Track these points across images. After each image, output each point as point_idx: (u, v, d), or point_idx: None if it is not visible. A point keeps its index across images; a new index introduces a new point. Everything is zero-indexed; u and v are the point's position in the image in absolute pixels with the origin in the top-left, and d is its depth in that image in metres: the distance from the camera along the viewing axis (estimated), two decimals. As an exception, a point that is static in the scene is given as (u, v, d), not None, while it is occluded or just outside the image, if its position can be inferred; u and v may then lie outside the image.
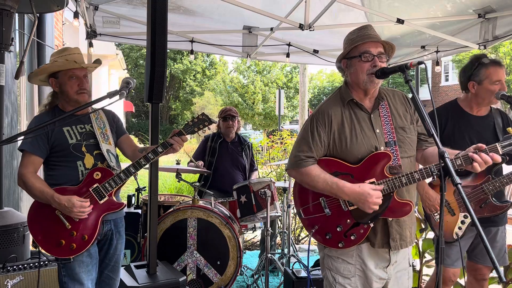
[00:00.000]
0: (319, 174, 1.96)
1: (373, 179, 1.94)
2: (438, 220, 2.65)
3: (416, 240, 2.14)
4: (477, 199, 2.57)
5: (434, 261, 3.54)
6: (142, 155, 2.31)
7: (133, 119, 33.26)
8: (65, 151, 2.29)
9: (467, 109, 2.72)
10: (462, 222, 2.60)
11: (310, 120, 2.05)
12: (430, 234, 3.66)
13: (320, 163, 2.01)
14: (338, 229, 1.99)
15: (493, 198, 2.58)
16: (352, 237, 1.97)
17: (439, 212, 2.64)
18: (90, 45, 4.39)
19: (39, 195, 2.20)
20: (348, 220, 1.98)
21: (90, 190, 2.26)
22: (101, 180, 2.29)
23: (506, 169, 2.68)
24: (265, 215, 3.52)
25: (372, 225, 1.94)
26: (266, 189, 3.56)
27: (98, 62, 2.44)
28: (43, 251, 2.27)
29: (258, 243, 5.52)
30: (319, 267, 3.28)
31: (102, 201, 2.29)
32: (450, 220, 2.62)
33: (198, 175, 4.50)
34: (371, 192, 1.87)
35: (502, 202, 2.60)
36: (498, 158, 1.81)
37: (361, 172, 1.95)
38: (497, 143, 1.88)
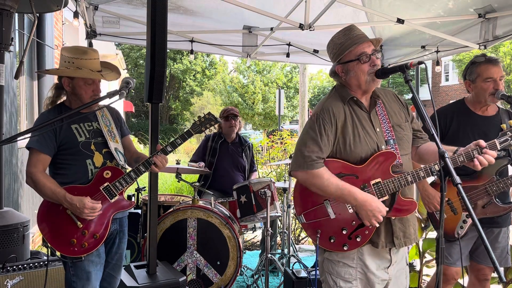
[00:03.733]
0: (329, 177, 1.90)
1: (379, 179, 1.92)
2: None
3: (416, 240, 2.15)
4: (480, 199, 2.57)
5: (435, 261, 3.54)
6: (139, 163, 2.35)
7: (133, 119, 33.27)
8: (74, 149, 2.27)
9: (472, 108, 2.72)
10: (464, 222, 2.60)
11: (316, 119, 1.96)
12: (431, 234, 3.66)
13: (327, 165, 1.95)
14: (343, 232, 1.96)
15: (496, 199, 2.57)
16: (357, 239, 1.95)
17: (438, 210, 2.65)
18: (90, 45, 4.39)
19: (50, 194, 2.19)
20: (353, 222, 1.96)
21: (101, 189, 2.27)
22: (112, 179, 2.29)
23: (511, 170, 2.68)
24: (265, 215, 3.52)
25: (377, 225, 1.93)
26: (266, 189, 3.56)
27: (116, 71, 2.45)
28: (57, 252, 2.26)
29: (258, 243, 5.52)
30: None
31: (113, 200, 2.30)
32: (452, 219, 2.62)
33: (198, 175, 4.50)
34: (380, 208, 1.88)
35: (505, 203, 2.60)
36: (493, 154, 1.87)
37: (366, 172, 1.93)
38: (495, 139, 1.94)
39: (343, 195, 1.90)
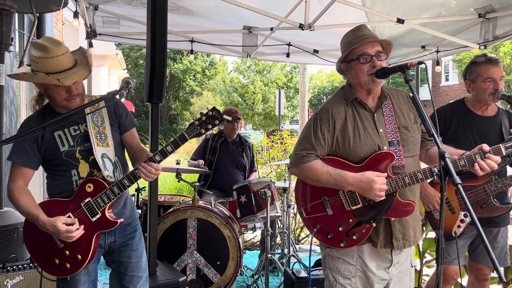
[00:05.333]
0: (321, 167, 1.94)
1: None
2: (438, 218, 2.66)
3: (416, 242, 2.15)
4: (478, 199, 2.57)
5: (434, 261, 3.54)
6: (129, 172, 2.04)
7: (133, 119, 33.23)
8: (57, 160, 2.04)
9: (472, 108, 2.72)
10: (462, 221, 2.60)
11: (314, 119, 2.03)
12: (431, 234, 3.66)
13: (323, 162, 1.99)
14: (340, 229, 1.98)
15: (495, 199, 2.57)
16: (354, 237, 1.96)
17: (438, 209, 2.65)
18: (90, 45, 4.39)
19: (26, 216, 2.02)
20: (351, 220, 1.97)
21: (82, 205, 2.02)
22: (93, 194, 2.02)
23: (510, 170, 2.68)
24: (265, 215, 3.52)
25: (374, 224, 1.94)
26: (266, 189, 3.56)
27: (87, 68, 1.98)
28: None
29: (258, 243, 5.52)
30: (320, 267, 3.29)
31: (94, 219, 2.03)
32: (450, 218, 2.62)
33: (198, 175, 4.50)
34: (375, 179, 1.86)
35: (503, 204, 2.60)
36: (497, 159, 1.85)
37: (364, 171, 1.93)
38: (500, 144, 1.91)
39: (336, 181, 1.92)
